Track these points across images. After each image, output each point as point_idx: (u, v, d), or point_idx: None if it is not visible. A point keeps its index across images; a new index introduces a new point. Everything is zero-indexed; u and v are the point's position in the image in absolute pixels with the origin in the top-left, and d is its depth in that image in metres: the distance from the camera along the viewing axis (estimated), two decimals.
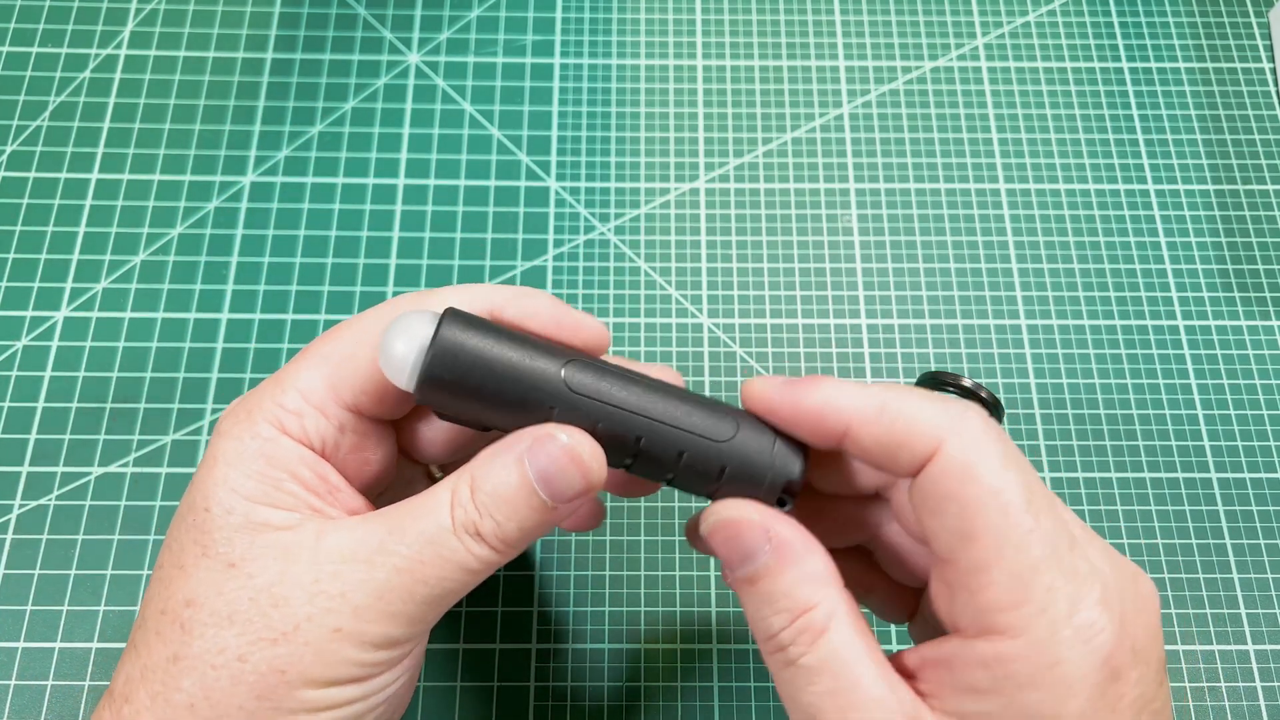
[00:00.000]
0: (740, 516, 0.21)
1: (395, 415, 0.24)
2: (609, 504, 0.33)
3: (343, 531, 0.21)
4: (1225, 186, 0.40)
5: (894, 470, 0.21)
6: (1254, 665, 0.32)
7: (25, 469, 0.33)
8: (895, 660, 0.21)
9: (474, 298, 0.23)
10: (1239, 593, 0.33)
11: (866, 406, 0.21)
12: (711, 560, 0.33)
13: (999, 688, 0.19)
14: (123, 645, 0.31)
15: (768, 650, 0.21)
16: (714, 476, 0.22)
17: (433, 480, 0.27)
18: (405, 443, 0.25)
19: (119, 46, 0.41)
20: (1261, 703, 0.31)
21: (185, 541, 0.21)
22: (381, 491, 0.25)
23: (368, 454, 0.23)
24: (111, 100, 0.39)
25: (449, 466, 0.26)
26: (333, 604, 0.20)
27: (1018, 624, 0.19)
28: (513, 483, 0.21)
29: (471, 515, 0.21)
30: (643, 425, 0.21)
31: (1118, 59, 0.42)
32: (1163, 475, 0.34)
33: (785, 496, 0.22)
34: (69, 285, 0.36)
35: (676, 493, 0.34)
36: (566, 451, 0.21)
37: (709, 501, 0.22)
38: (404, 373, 0.21)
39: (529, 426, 0.21)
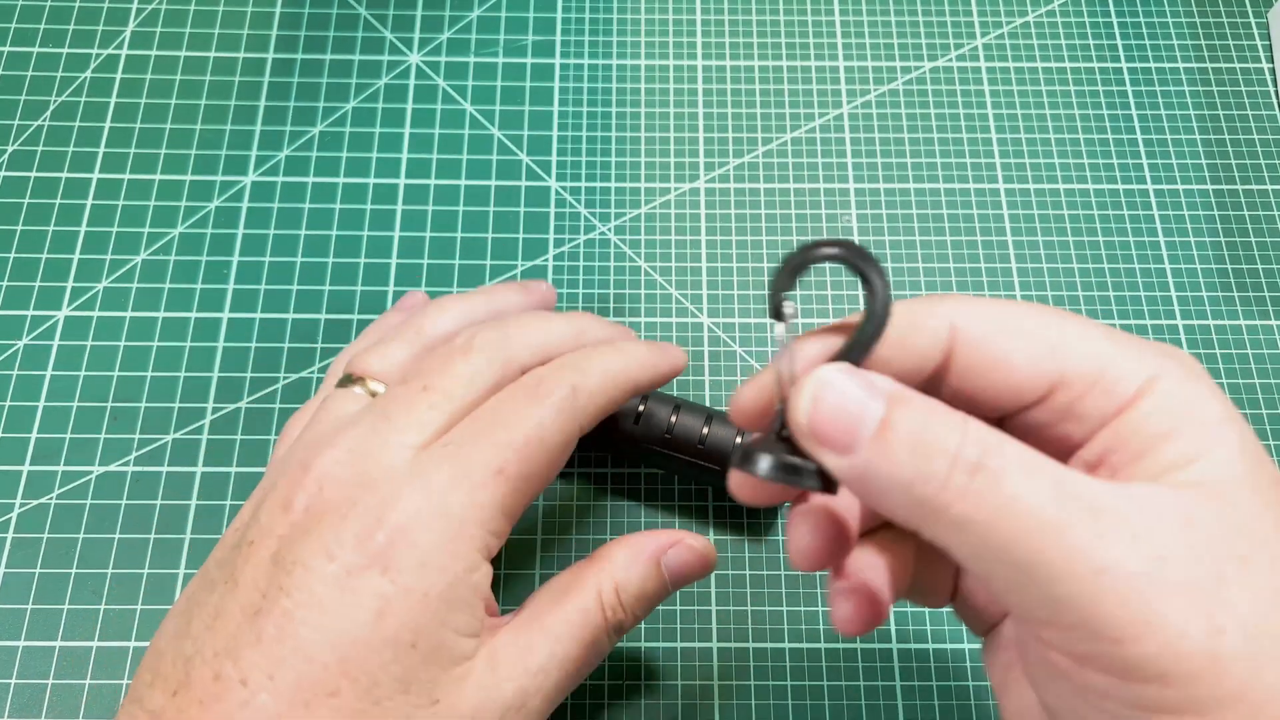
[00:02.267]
0: (829, 375, 0.18)
1: None
2: (608, 503, 0.33)
3: (511, 649, 0.23)
4: (1225, 187, 0.40)
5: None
6: None
7: (26, 468, 0.33)
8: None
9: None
10: None
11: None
12: None
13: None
14: (123, 644, 0.31)
15: (946, 496, 0.17)
16: (704, 420, 0.29)
17: None
18: None
19: (120, 46, 0.41)
20: None
21: (382, 677, 0.20)
22: None
23: None
24: (113, 100, 0.40)
25: None
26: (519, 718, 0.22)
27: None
28: (654, 585, 0.25)
29: (619, 616, 0.24)
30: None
31: (1117, 59, 0.42)
32: None
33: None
34: (70, 284, 0.36)
35: (676, 495, 0.34)
36: (697, 555, 0.25)
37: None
38: None
39: (659, 531, 0.26)
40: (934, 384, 0.21)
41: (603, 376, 0.25)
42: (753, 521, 0.33)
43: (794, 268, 0.20)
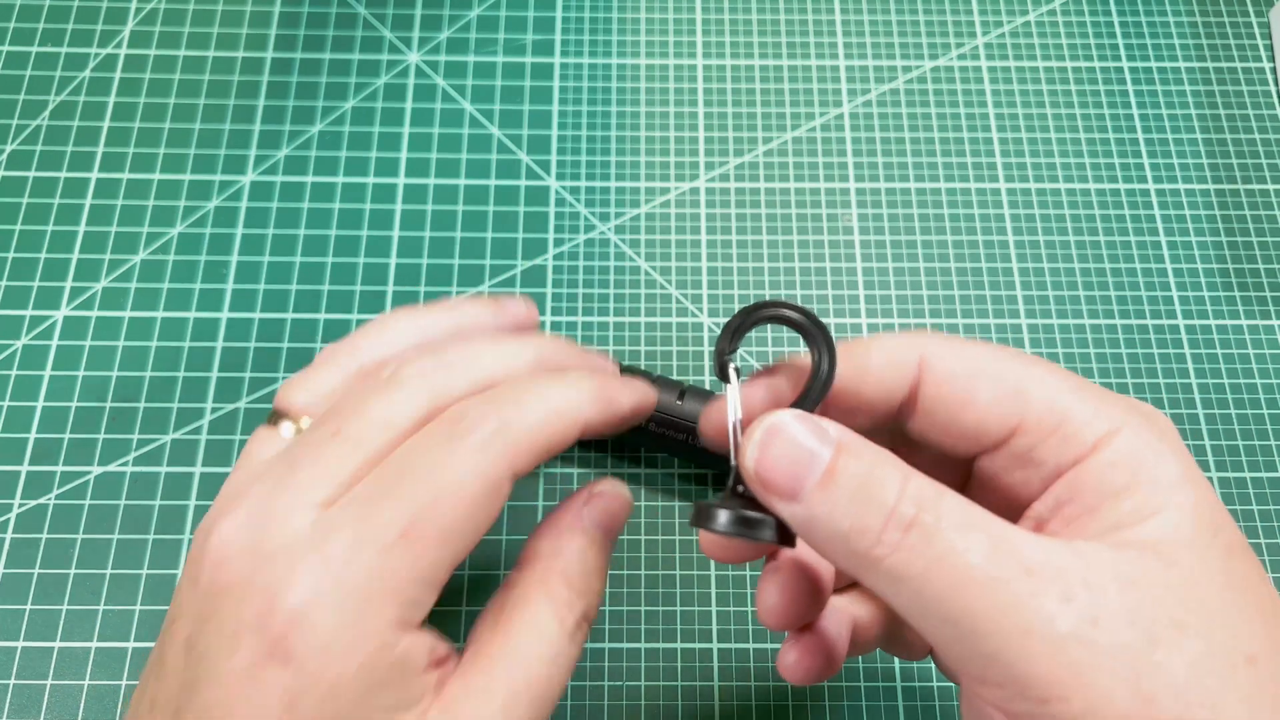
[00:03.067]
0: (782, 419, 0.18)
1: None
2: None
3: (465, 700, 0.20)
4: (1225, 186, 0.40)
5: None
6: None
7: (25, 468, 0.33)
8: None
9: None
10: None
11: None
12: (712, 562, 0.33)
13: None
14: (122, 644, 0.31)
15: (880, 551, 0.17)
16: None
17: None
18: None
19: (119, 46, 0.41)
20: None
21: None
22: None
23: None
24: (111, 99, 0.39)
25: None
26: None
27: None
28: (594, 552, 0.22)
29: (578, 608, 0.21)
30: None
31: (1118, 58, 0.42)
32: None
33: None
34: (69, 284, 0.36)
35: (676, 494, 0.34)
36: (611, 498, 0.23)
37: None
38: None
39: (562, 503, 0.23)
40: (900, 418, 0.21)
41: (543, 411, 0.21)
42: None
43: (735, 329, 0.21)
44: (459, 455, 0.20)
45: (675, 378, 0.34)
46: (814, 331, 0.20)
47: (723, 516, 0.19)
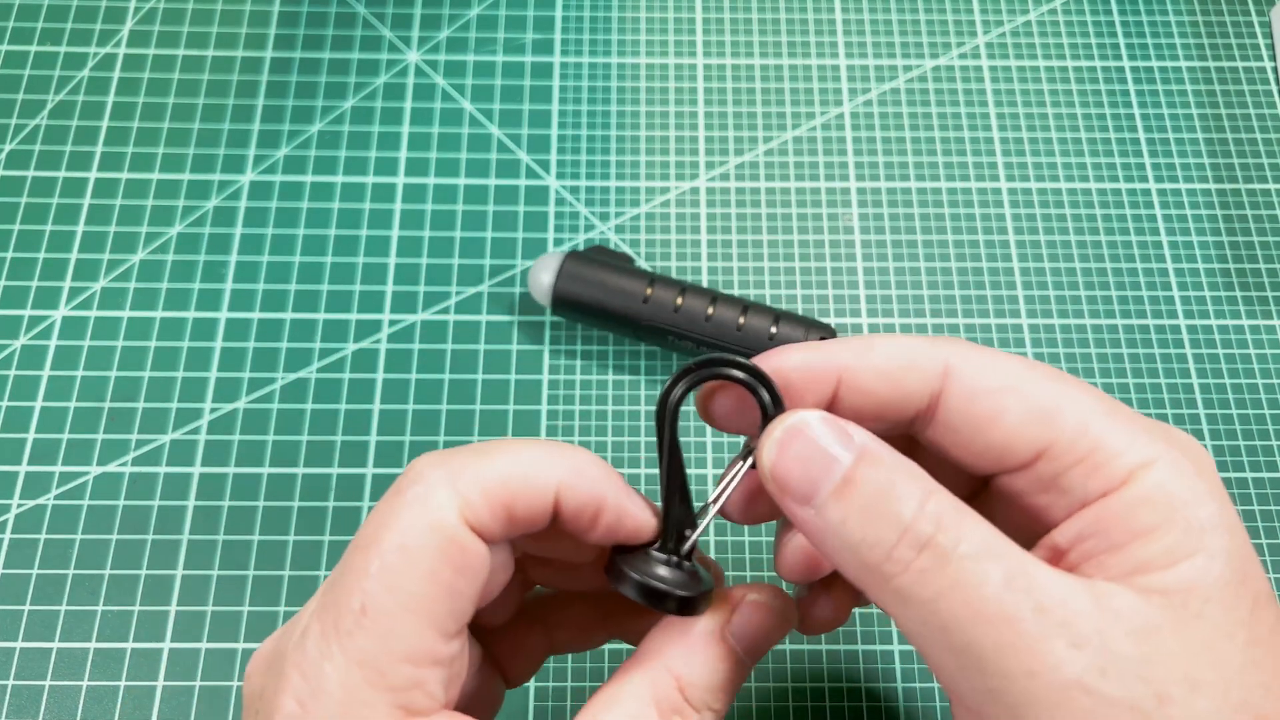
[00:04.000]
0: (806, 419, 0.18)
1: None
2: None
3: None
4: (1227, 185, 0.39)
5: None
6: None
7: (23, 468, 0.33)
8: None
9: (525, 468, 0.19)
10: None
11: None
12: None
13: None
14: (121, 645, 0.31)
15: (890, 568, 0.17)
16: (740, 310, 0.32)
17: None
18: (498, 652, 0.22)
19: (118, 45, 0.40)
20: None
21: None
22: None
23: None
24: (110, 99, 0.39)
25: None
26: None
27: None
28: (727, 669, 0.19)
29: (690, 718, 0.19)
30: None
31: (1119, 57, 0.42)
32: None
33: None
34: (67, 284, 0.36)
35: None
36: (769, 612, 0.19)
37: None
38: (546, 290, 0.33)
39: (710, 608, 0.19)
40: (915, 427, 0.20)
41: (504, 462, 0.18)
42: None
43: (680, 393, 0.19)
44: (399, 511, 0.18)
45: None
46: (755, 384, 0.19)
47: (631, 580, 0.18)
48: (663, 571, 0.19)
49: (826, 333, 0.33)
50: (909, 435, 0.20)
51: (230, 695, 0.30)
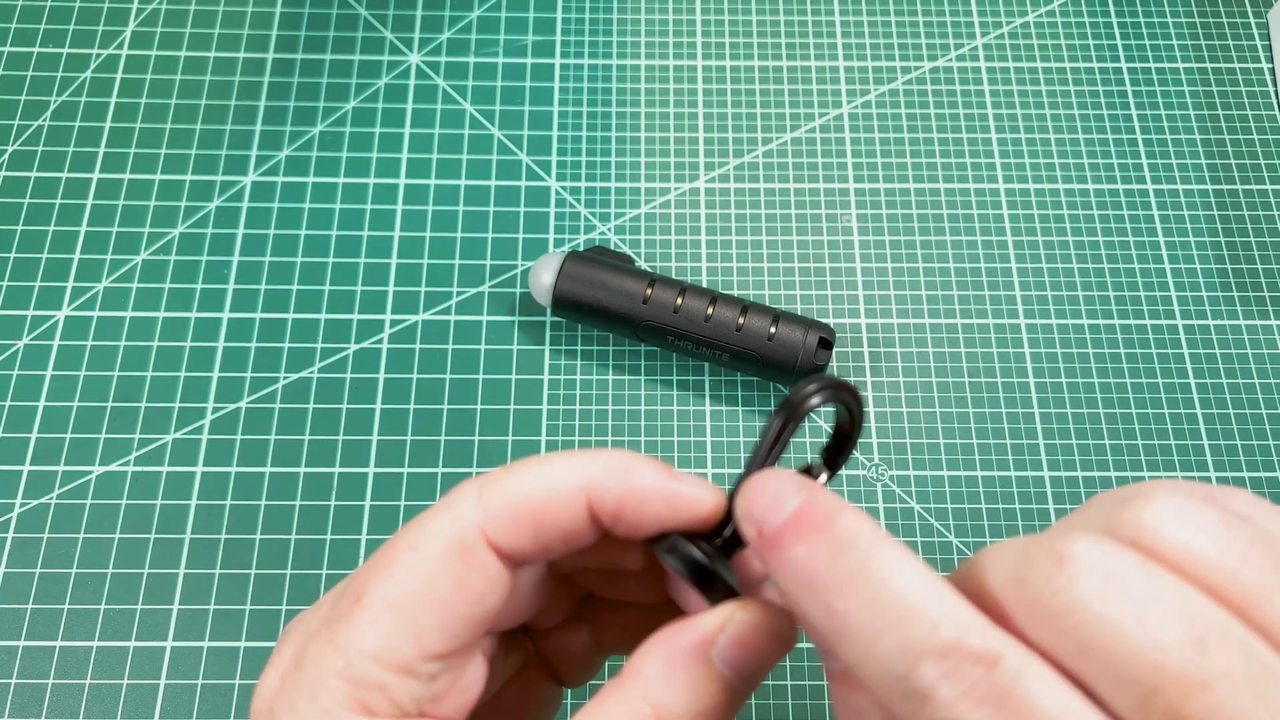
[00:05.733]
0: (767, 475, 0.17)
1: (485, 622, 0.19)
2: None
3: None
4: (1224, 187, 0.40)
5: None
6: None
7: (26, 468, 0.33)
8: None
9: (567, 471, 0.18)
10: None
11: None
12: None
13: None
14: (121, 644, 0.31)
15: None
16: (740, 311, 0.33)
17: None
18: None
19: (120, 46, 0.41)
20: None
21: None
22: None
23: (467, 681, 0.19)
24: (113, 100, 0.40)
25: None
26: None
27: None
28: (712, 695, 0.17)
29: None
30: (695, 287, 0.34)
31: (1117, 59, 0.42)
32: (1162, 474, 0.35)
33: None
34: (70, 284, 0.36)
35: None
36: (761, 632, 0.17)
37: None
38: (546, 290, 0.34)
39: (698, 615, 0.18)
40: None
41: (536, 472, 0.18)
42: None
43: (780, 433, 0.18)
44: (428, 516, 0.18)
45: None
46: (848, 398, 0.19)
47: (676, 555, 0.18)
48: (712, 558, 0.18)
49: (826, 333, 0.33)
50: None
51: (232, 693, 0.30)
